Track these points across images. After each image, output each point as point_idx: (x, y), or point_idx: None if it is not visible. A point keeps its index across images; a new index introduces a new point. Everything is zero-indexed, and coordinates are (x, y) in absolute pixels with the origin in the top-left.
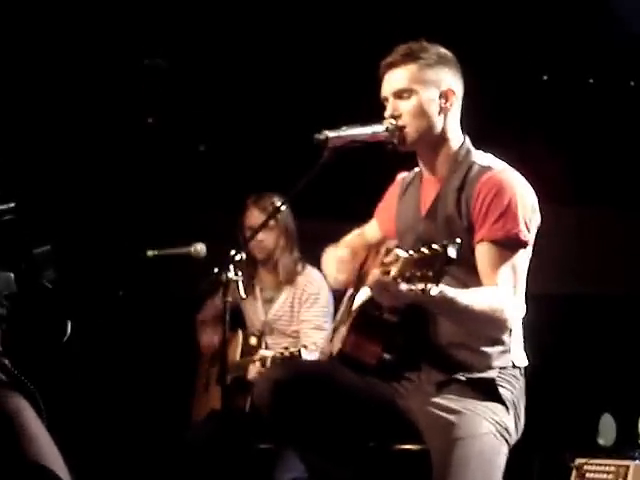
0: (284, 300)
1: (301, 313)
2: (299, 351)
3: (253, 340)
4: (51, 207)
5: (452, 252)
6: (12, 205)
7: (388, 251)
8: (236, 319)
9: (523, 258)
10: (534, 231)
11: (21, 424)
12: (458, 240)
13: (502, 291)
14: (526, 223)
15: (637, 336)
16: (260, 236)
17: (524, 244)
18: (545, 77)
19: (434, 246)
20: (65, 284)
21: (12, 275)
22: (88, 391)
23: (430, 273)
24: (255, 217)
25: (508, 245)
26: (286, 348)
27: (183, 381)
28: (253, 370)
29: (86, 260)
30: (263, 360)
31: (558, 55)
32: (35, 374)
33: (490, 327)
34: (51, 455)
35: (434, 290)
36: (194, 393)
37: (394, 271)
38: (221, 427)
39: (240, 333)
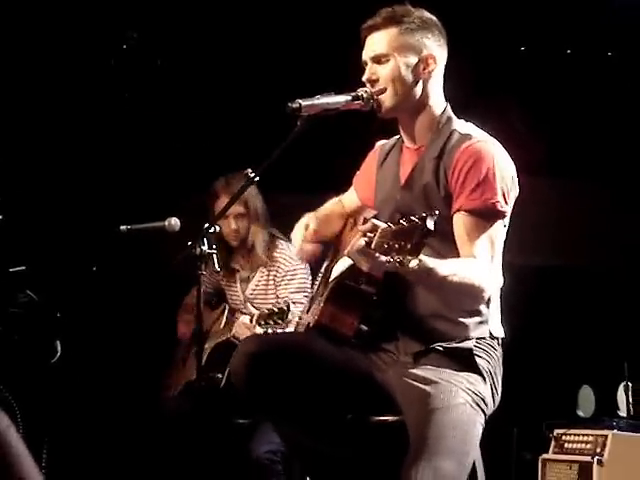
0: (259, 279)
1: (279, 291)
2: (288, 305)
3: (237, 314)
4: (23, 185)
5: (430, 224)
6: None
7: (366, 221)
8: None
9: (500, 229)
10: (512, 202)
11: (7, 442)
12: (437, 212)
13: (480, 262)
14: (504, 194)
15: (615, 307)
16: (234, 225)
17: (501, 214)
18: (523, 48)
19: (412, 218)
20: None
21: None
22: (62, 368)
23: (408, 245)
24: (223, 202)
25: (485, 215)
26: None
27: (159, 356)
28: (238, 321)
29: (59, 236)
30: (251, 316)
31: (536, 26)
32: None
33: (468, 298)
34: (32, 471)
35: (412, 262)
36: (169, 369)
37: (372, 242)
38: (197, 400)
39: (226, 307)
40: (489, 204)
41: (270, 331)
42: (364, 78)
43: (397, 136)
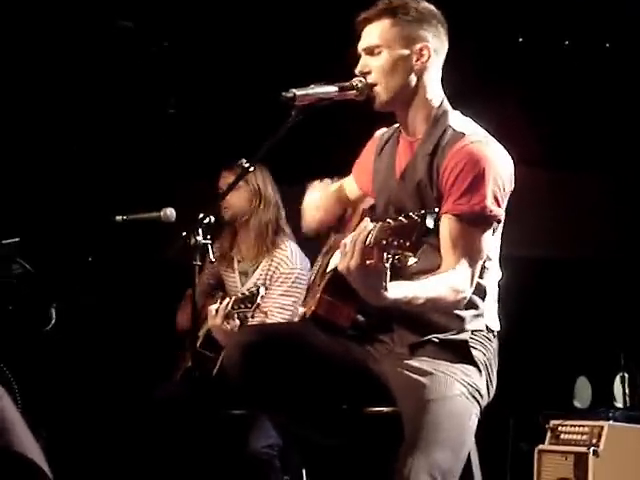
0: (258, 276)
1: (270, 290)
2: (258, 289)
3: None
4: (18, 175)
5: (430, 222)
6: None
7: (364, 215)
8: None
9: (488, 233)
10: (505, 203)
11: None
12: (436, 209)
13: (459, 273)
14: (496, 198)
15: (612, 299)
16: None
17: (491, 219)
18: (521, 39)
19: (411, 215)
20: (45, 270)
21: None
22: (60, 357)
23: (407, 243)
24: (226, 182)
25: (472, 220)
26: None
27: (155, 345)
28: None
29: (54, 227)
30: (219, 305)
31: (534, 17)
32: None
33: (450, 308)
34: (28, 442)
35: (411, 260)
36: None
37: (370, 239)
38: (191, 390)
39: (219, 298)
40: (476, 209)
41: (243, 316)
42: (357, 70)
43: (397, 124)
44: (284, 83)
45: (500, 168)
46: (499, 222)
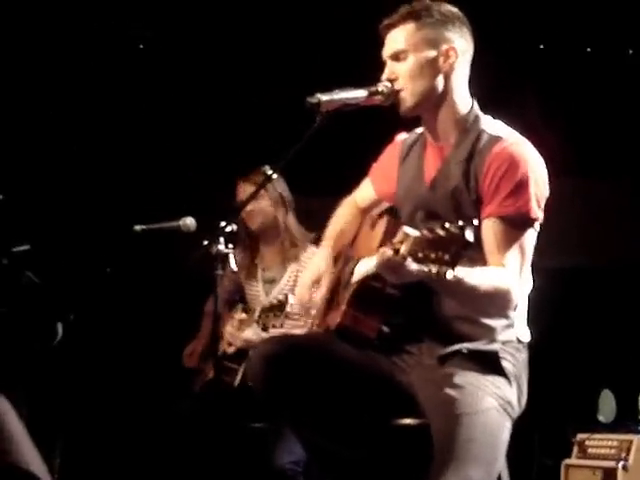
0: (287, 280)
1: None
2: (286, 297)
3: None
4: (37, 186)
5: (469, 235)
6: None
7: (390, 223)
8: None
9: (531, 236)
10: (543, 206)
11: (2, 425)
12: (475, 222)
13: (509, 272)
14: (537, 200)
15: (635, 309)
16: (249, 207)
17: (534, 221)
18: (542, 46)
19: (450, 227)
20: (53, 283)
21: None
22: (80, 369)
23: (446, 256)
24: (245, 192)
25: (517, 222)
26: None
27: (175, 356)
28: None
29: (73, 238)
30: (240, 319)
31: (555, 24)
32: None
33: (494, 307)
34: (33, 457)
35: (449, 274)
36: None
37: (403, 249)
38: (212, 403)
39: (239, 308)
40: (523, 211)
41: (270, 324)
42: (383, 77)
43: (419, 129)
44: (307, 89)
45: (539, 171)
46: (537, 225)
